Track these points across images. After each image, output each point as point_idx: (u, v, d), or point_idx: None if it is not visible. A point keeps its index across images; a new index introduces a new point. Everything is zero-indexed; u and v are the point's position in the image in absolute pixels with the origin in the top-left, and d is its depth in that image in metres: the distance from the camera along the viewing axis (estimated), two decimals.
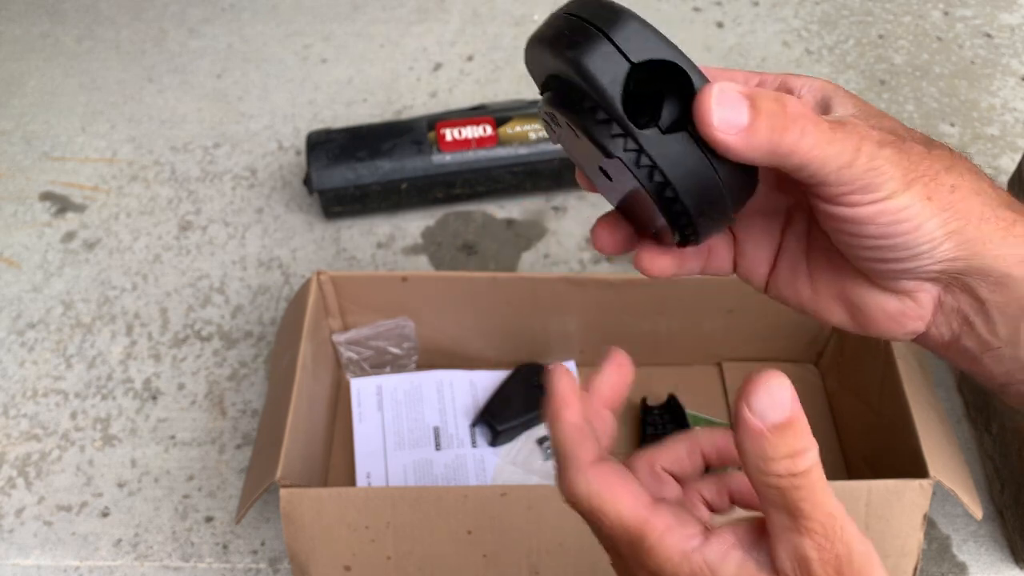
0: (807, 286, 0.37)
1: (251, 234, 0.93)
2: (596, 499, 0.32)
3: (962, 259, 0.32)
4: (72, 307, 0.87)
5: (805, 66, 1.11)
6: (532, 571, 0.62)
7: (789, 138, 0.30)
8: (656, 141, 0.31)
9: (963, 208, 0.32)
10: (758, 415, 0.28)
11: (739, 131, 0.30)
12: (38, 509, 0.73)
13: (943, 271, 0.33)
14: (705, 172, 0.31)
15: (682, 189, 0.31)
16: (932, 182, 0.32)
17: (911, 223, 0.31)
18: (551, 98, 0.34)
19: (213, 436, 0.78)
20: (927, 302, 0.34)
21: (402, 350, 0.78)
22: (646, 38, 0.31)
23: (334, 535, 0.60)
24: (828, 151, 0.30)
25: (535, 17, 1.18)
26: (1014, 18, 1.18)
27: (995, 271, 0.32)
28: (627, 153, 0.31)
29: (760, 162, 0.31)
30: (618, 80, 0.31)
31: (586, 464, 0.32)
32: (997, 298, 0.32)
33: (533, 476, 0.74)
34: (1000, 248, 0.32)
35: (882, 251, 0.32)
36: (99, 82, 1.11)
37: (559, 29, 0.32)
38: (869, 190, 0.31)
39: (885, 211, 0.31)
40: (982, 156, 1.00)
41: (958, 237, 0.32)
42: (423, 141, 0.91)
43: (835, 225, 0.33)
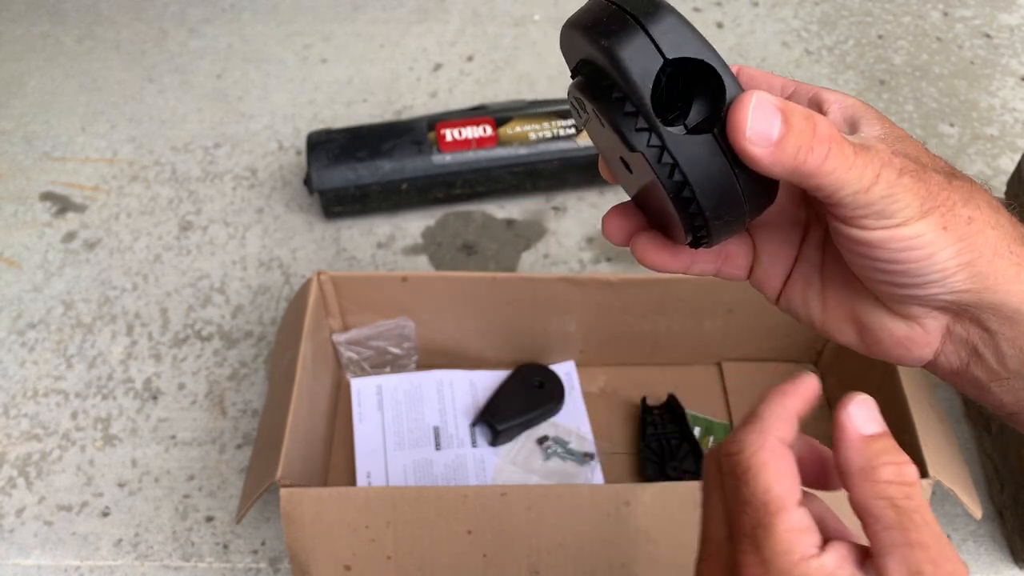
0: (818, 302, 0.37)
1: (251, 234, 0.93)
2: (759, 462, 0.31)
3: (974, 292, 0.32)
4: (72, 307, 0.87)
5: (805, 66, 1.11)
6: (532, 571, 0.62)
7: (813, 159, 0.30)
8: (681, 140, 0.31)
9: (978, 241, 0.32)
10: (859, 426, 0.29)
11: (768, 144, 0.30)
12: (38, 509, 0.73)
13: (953, 302, 0.33)
14: (726, 178, 0.31)
15: (700, 191, 0.31)
16: (949, 212, 0.31)
17: (924, 251, 0.31)
18: (581, 83, 0.34)
19: (213, 436, 0.78)
20: (936, 330, 0.34)
21: (402, 350, 0.78)
22: (683, 35, 0.31)
23: (334, 535, 0.60)
24: (848, 175, 0.30)
25: (535, 17, 1.19)
26: (1013, 18, 1.18)
27: (1007, 306, 0.32)
28: (650, 149, 0.31)
29: (781, 177, 0.31)
30: (650, 74, 0.30)
31: (775, 434, 0.32)
32: (1008, 331, 0.33)
33: (533, 476, 0.74)
34: (1013, 284, 0.32)
35: (893, 275, 0.32)
36: (99, 82, 1.11)
37: (597, 15, 0.32)
38: (883, 216, 0.31)
39: (897, 237, 0.31)
40: (981, 156, 1.00)
41: (971, 269, 0.32)
42: (423, 141, 0.91)
43: (848, 246, 0.33)
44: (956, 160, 1.00)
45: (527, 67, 1.12)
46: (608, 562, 0.62)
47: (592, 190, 0.97)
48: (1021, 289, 0.32)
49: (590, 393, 0.79)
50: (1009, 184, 0.75)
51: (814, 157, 0.30)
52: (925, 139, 1.02)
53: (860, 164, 0.30)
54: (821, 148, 0.30)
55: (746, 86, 0.35)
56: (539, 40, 1.15)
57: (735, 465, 0.31)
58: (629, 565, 0.61)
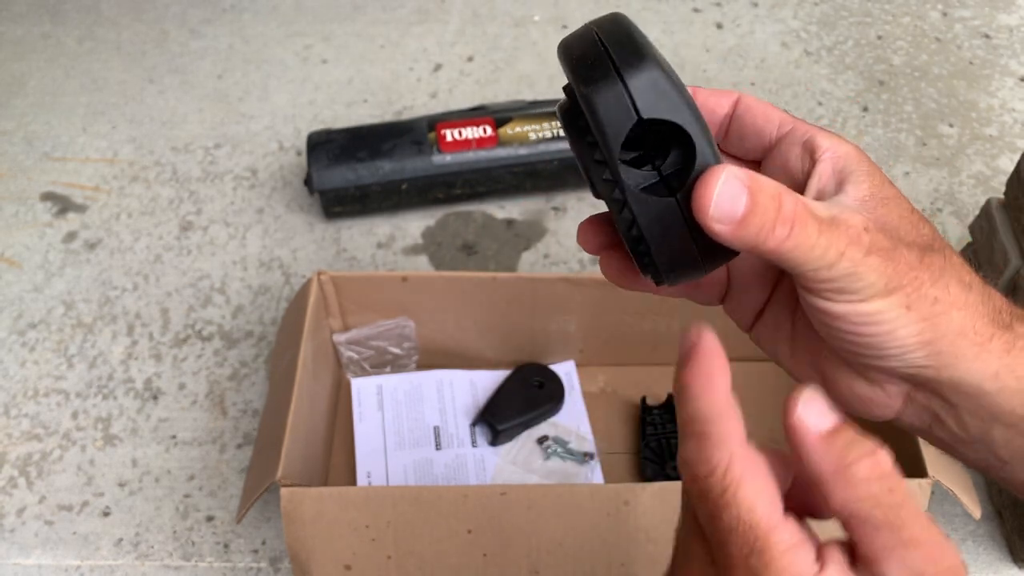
0: (787, 347, 0.37)
1: (252, 234, 0.93)
2: (736, 484, 0.28)
3: (933, 368, 0.32)
4: (73, 307, 0.87)
5: (804, 66, 1.11)
6: (532, 571, 0.62)
7: (775, 238, 0.30)
8: (642, 200, 0.31)
9: (942, 321, 0.32)
10: (814, 426, 0.27)
11: (731, 222, 0.30)
12: (39, 509, 0.73)
13: (912, 375, 0.33)
14: (683, 242, 0.31)
15: (656, 249, 0.32)
16: (915, 292, 0.31)
17: (884, 327, 0.31)
18: (564, 110, 0.34)
19: (214, 436, 0.78)
20: (897, 395, 0.34)
21: (402, 350, 0.78)
22: (661, 93, 0.30)
23: (335, 534, 0.60)
24: (810, 254, 0.30)
25: (535, 18, 1.19)
26: (1012, 19, 1.18)
27: (966, 383, 0.32)
28: (613, 200, 0.31)
29: (742, 249, 0.31)
30: (622, 131, 0.30)
31: (735, 441, 0.29)
32: (968, 404, 0.33)
33: (533, 476, 0.74)
34: (973, 363, 0.32)
35: (854, 345, 0.32)
36: (100, 83, 1.11)
37: (584, 53, 0.32)
38: (845, 292, 0.31)
39: (858, 312, 0.31)
40: (980, 156, 1.00)
41: (931, 348, 0.32)
42: (423, 141, 0.91)
43: (812, 312, 0.33)
44: (955, 160, 1.00)
45: (527, 67, 1.12)
46: (608, 562, 0.62)
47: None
48: (981, 368, 0.32)
49: (590, 393, 0.79)
50: (1008, 184, 0.75)
51: (775, 236, 0.30)
52: (924, 139, 1.03)
53: (823, 243, 0.30)
54: (783, 228, 0.30)
55: (742, 117, 0.35)
56: (539, 40, 1.15)
57: (708, 490, 0.29)
58: (629, 565, 0.61)
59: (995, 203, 0.76)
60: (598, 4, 1.20)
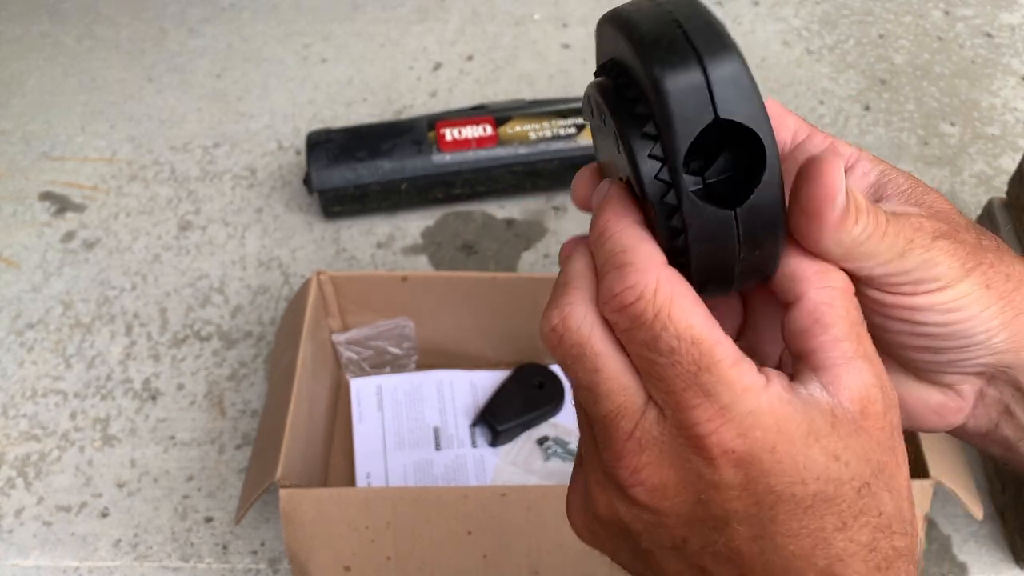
0: None
1: (251, 234, 0.93)
2: (668, 304, 0.27)
3: (1012, 351, 0.31)
4: (71, 307, 0.87)
5: (806, 65, 1.11)
6: (532, 571, 0.62)
7: (854, 233, 0.29)
8: (698, 208, 0.27)
9: (1017, 298, 0.31)
10: (840, 206, 0.28)
11: (839, 215, 0.28)
12: (37, 509, 0.73)
13: (992, 364, 0.32)
14: (728, 259, 0.28)
15: (696, 265, 0.28)
16: (990, 270, 0.30)
17: (969, 311, 0.30)
18: (604, 87, 0.29)
19: (213, 436, 0.77)
20: (969, 394, 0.33)
21: (402, 350, 0.78)
22: (744, 92, 0.27)
23: (334, 535, 0.60)
24: (880, 245, 0.29)
25: (535, 17, 1.18)
26: (1014, 17, 1.18)
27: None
28: (663, 204, 0.28)
29: (819, 248, 0.29)
30: (695, 128, 0.27)
31: (658, 263, 0.27)
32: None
33: (533, 476, 0.73)
34: None
35: (937, 340, 0.31)
36: (99, 82, 1.10)
37: (655, 30, 0.27)
38: (924, 281, 0.29)
39: (943, 301, 0.30)
40: (982, 156, 1.00)
41: (1012, 328, 0.31)
42: (423, 141, 0.91)
43: (886, 314, 0.31)
44: (957, 159, 1.00)
45: (527, 67, 1.11)
46: (608, 562, 0.61)
47: None
48: None
49: None
50: (1010, 184, 0.75)
51: (855, 231, 0.29)
52: (926, 138, 1.02)
53: (892, 233, 0.29)
54: (863, 220, 0.29)
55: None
56: (539, 39, 1.15)
57: (640, 316, 0.27)
58: None
59: (997, 203, 0.76)
60: (598, 3, 1.20)
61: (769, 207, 0.28)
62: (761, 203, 0.27)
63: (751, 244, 0.28)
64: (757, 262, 0.29)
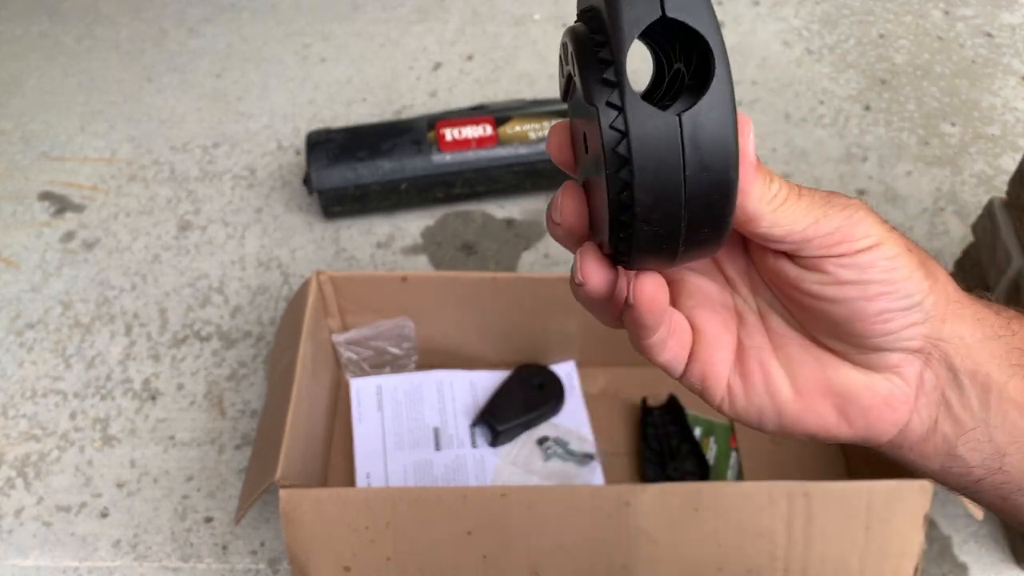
0: (787, 385, 0.34)
1: (250, 234, 0.93)
2: None
3: (938, 318, 0.32)
4: (71, 307, 0.87)
5: (806, 65, 1.11)
6: (532, 571, 0.62)
7: (775, 195, 0.31)
8: (643, 111, 0.27)
9: (930, 264, 0.32)
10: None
11: (752, 165, 0.30)
12: (37, 510, 0.73)
13: (928, 335, 0.32)
14: (673, 174, 0.27)
15: (639, 180, 0.27)
16: (902, 237, 0.32)
17: (905, 270, 0.31)
18: (577, 35, 0.29)
19: (212, 436, 0.77)
20: (912, 378, 0.33)
21: (402, 350, 0.78)
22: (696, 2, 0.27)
23: (334, 535, 0.60)
24: (798, 208, 0.31)
25: (535, 17, 1.18)
26: (1015, 17, 1.18)
27: (962, 334, 0.33)
28: (607, 108, 0.27)
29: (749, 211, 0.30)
30: (641, 22, 0.27)
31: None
32: (968, 364, 0.33)
33: (533, 476, 0.73)
34: (963, 308, 0.33)
35: (886, 300, 0.31)
36: (98, 82, 1.10)
37: None
38: (854, 238, 0.31)
39: (885, 256, 0.31)
40: (983, 155, 1.00)
41: (936, 293, 0.32)
42: (423, 141, 0.91)
43: (819, 291, 0.31)
44: (958, 159, 1.00)
45: (527, 66, 1.11)
46: (608, 562, 0.61)
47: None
48: (967, 313, 0.33)
49: (590, 394, 0.79)
50: (1011, 184, 0.75)
51: (777, 193, 0.31)
52: (927, 138, 1.02)
53: (807, 196, 0.31)
54: (777, 187, 0.31)
55: None
56: (539, 39, 1.15)
57: None
58: (629, 565, 0.61)
59: (997, 202, 0.76)
60: None
61: (718, 118, 0.27)
62: (709, 112, 0.27)
63: (699, 163, 0.27)
64: (704, 202, 0.28)
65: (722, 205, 0.28)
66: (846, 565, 0.61)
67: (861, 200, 0.32)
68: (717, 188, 0.28)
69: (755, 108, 1.05)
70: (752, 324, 0.35)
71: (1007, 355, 0.32)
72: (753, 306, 0.35)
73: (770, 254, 0.32)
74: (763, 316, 0.35)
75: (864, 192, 0.96)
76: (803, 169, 0.99)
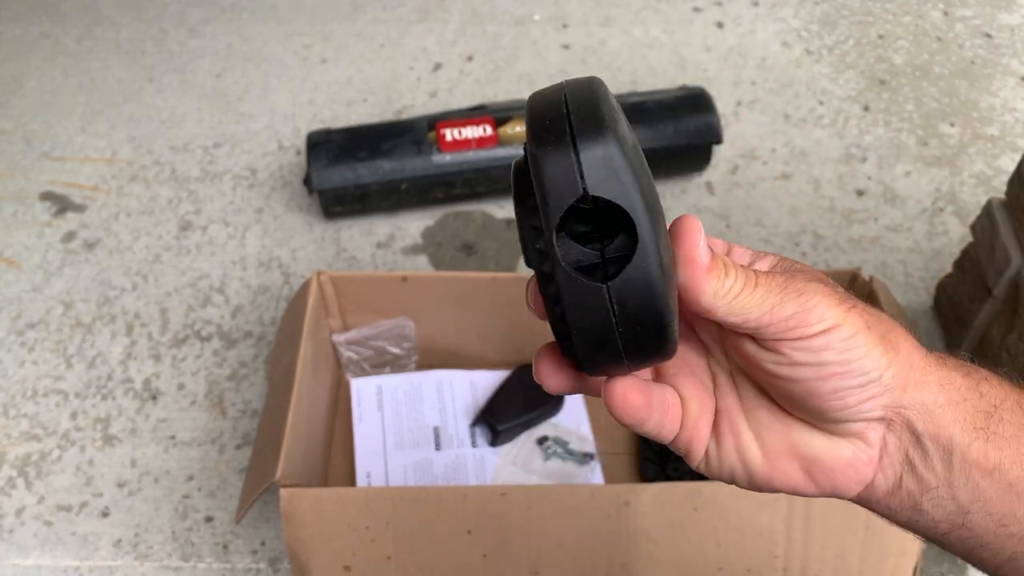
0: (756, 448, 0.35)
1: (251, 234, 0.93)
2: None
3: (899, 388, 0.33)
4: (72, 307, 0.87)
5: (805, 66, 1.11)
6: (532, 571, 0.62)
7: (729, 288, 0.32)
8: (571, 279, 0.29)
9: (892, 337, 0.33)
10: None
11: (703, 268, 0.31)
12: (38, 509, 0.73)
13: (889, 405, 0.33)
14: (607, 331, 0.30)
15: (577, 332, 0.30)
16: (864, 312, 0.33)
17: (861, 350, 0.32)
18: (516, 168, 0.32)
19: (213, 436, 0.78)
20: (876, 442, 0.34)
21: (402, 350, 0.78)
22: (614, 172, 0.29)
23: (334, 535, 0.60)
24: (754, 297, 0.32)
25: (535, 17, 1.18)
26: (1014, 18, 1.18)
27: (925, 401, 0.33)
28: (541, 272, 0.30)
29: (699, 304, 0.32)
30: (564, 202, 0.29)
31: None
32: (931, 428, 0.33)
33: (533, 476, 0.74)
34: (925, 375, 0.33)
35: (841, 379, 0.32)
36: (99, 82, 1.11)
37: (547, 109, 0.30)
38: (809, 323, 0.31)
39: (839, 339, 0.31)
40: (982, 156, 1.00)
41: (896, 365, 0.33)
42: (423, 141, 0.91)
43: (778, 370, 0.33)
44: (957, 160, 1.00)
45: (527, 66, 1.11)
46: (608, 562, 0.61)
47: None
48: (932, 380, 0.33)
49: None
50: (1010, 184, 0.75)
51: (731, 287, 0.32)
52: (926, 139, 1.02)
53: (764, 284, 0.32)
54: (733, 278, 0.32)
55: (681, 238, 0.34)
56: (539, 40, 1.15)
57: None
58: (629, 565, 0.61)
59: (996, 203, 0.76)
60: (599, 3, 1.20)
61: (641, 285, 0.29)
62: (633, 280, 0.29)
63: (629, 320, 0.30)
64: (642, 339, 0.30)
65: (659, 343, 0.31)
66: (845, 564, 0.61)
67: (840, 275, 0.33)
68: (650, 334, 0.31)
69: (755, 108, 1.06)
70: (725, 387, 0.36)
71: (972, 418, 0.33)
72: (726, 369, 0.36)
73: (732, 332, 0.34)
74: (735, 379, 0.36)
75: (864, 192, 0.96)
76: (803, 169, 0.99)
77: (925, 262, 0.89)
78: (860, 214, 0.94)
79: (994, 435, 0.33)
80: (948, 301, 0.83)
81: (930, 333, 0.84)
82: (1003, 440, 0.33)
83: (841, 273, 0.74)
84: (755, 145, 1.02)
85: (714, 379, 0.37)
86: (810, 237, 0.92)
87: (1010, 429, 0.33)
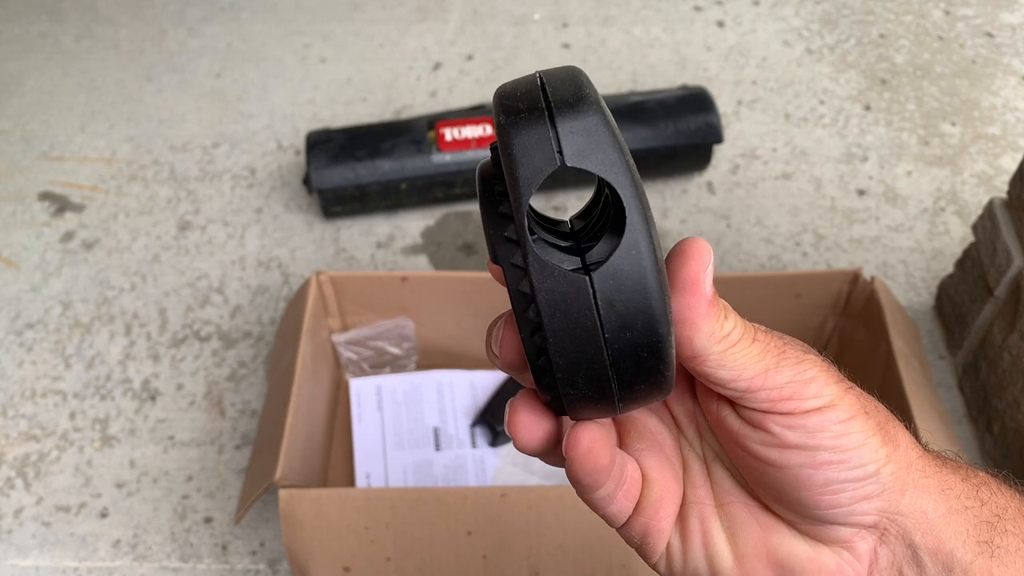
0: (727, 549, 0.31)
1: (250, 234, 0.93)
2: None
3: (897, 490, 0.29)
4: (71, 307, 0.87)
5: (806, 65, 1.11)
6: (532, 572, 0.61)
7: (724, 329, 0.28)
8: (549, 271, 0.24)
9: (890, 429, 0.29)
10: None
11: (708, 299, 0.27)
12: (37, 510, 0.73)
13: (883, 510, 0.29)
14: (590, 339, 0.24)
15: (554, 343, 0.24)
16: (862, 396, 0.29)
17: (859, 437, 0.28)
18: (482, 166, 0.27)
19: (212, 436, 0.77)
20: (865, 554, 0.30)
21: (402, 350, 0.78)
22: (598, 141, 0.24)
23: (333, 536, 0.60)
24: (751, 352, 0.28)
25: (535, 17, 1.18)
26: (1015, 17, 1.18)
27: (924, 508, 0.29)
28: (512, 267, 0.24)
29: (693, 348, 0.27)
30: (539, 175, 0.24)
31: None
32: (930, 541, 0.29)
33: (533, 477, 0.73)
34: (923, 479, 0.29)
35: (835, 468, 0.28)
36: (98, 81, 1.10)
37: (518, 87, 0.25)
38: (804, 396, 0.28)
39: (835, 420, 0.28)
40: (983, 155, 1.00)
41: (895, 462, 0.29)
42: (423, 141, 0.91)
43: (769, 453, 0.28)
44: (958, 159, 0.99)
45: (527, 66, 1.11)
46: (608, 563, 0.61)
47: (591, 190, 0.97)
48: (932, 483, 0.30)
49: None
50: (1011, 184, 0.75)
51: (728, 335, 0.28)
52: (927, 138, 1.02)
53: (763, 340, 0.28)
54: (731, 325, 0.28)
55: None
56: (539, 39, 1.15)
57: None
58: (629, 566, 0.61)
59: (998, 203, 0.76)
60: (599, 3, 1.20)
61: (633, 273, 0.24)
62: (621, 272, 0.24)
63: (618, 323, 0.24)
64: (635, 350, 0.25)
65: (654, 363, 0.25)
66: None
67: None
68: (644, 347, 0.25)
69: (755, 108, 1.05)
70: (696, 474, 0.32)
71: (974, 530, 0.29)
72: (699, 453, 0.32)
73: (715, 400, 0.30)
74: (708, 465, 0.32)
75: (865, 192, 0.96)
76: (803, 169, 0.99)
77: (926, 262, 0.89)
78: (861, 214, 0.94)
79: (998, 549, 0.29)
80: (949, 301, 0.83)
81: (931, 333, 0.84)
82: (1008, 555, 0.29)
83: (842, 273, 0.73)
84: (756, 145, 1.01)
85: (684, 464, 0.32)
86: (811, 237, 0.92)
87: (1014, 542, 0.29)
